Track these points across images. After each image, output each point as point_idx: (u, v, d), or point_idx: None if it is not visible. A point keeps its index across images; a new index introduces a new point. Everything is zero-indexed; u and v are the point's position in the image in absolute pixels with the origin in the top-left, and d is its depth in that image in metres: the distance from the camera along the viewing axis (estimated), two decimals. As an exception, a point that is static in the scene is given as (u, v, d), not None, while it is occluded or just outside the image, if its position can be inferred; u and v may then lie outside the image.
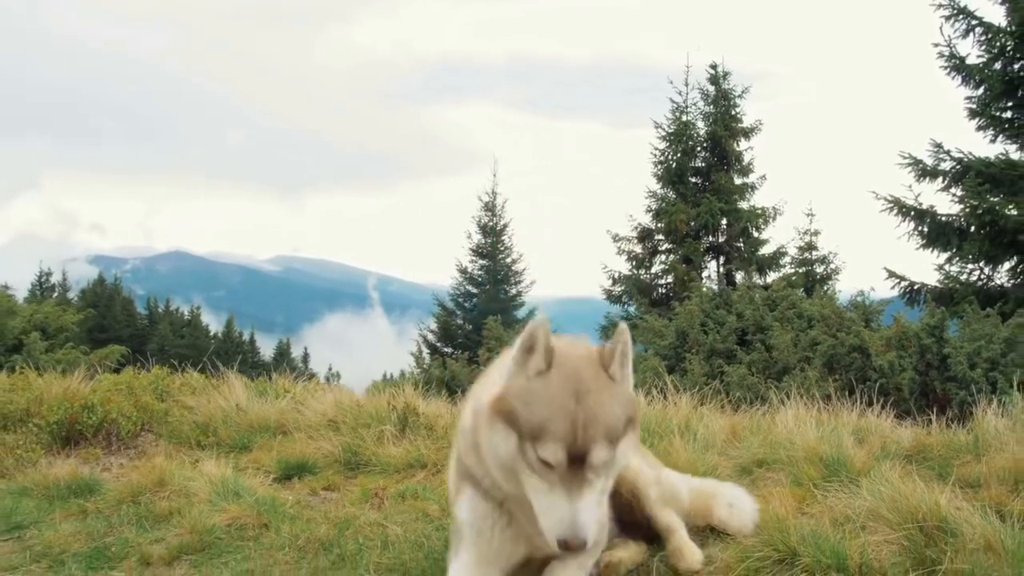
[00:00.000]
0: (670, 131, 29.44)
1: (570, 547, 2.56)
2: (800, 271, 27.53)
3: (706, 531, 4.24)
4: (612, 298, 29.59)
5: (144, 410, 6.88)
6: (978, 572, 3.50)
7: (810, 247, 28.61)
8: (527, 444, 2.62)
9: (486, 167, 36.77)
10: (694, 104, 29.94)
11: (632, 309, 28.33)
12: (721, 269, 29.17)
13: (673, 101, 29.92)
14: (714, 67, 29.63)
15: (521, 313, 38.54)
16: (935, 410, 6.42)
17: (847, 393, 6.93)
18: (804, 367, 10.28)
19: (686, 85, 29.90)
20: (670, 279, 28.45)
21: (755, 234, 28.86)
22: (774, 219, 28.84)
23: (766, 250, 28.56)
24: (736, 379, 9.94)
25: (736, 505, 4.27)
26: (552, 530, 2.59)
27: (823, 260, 28.15)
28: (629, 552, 3.82)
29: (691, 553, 3.73)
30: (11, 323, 12.51)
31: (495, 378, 2.93)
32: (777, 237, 29.18)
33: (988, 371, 8.55)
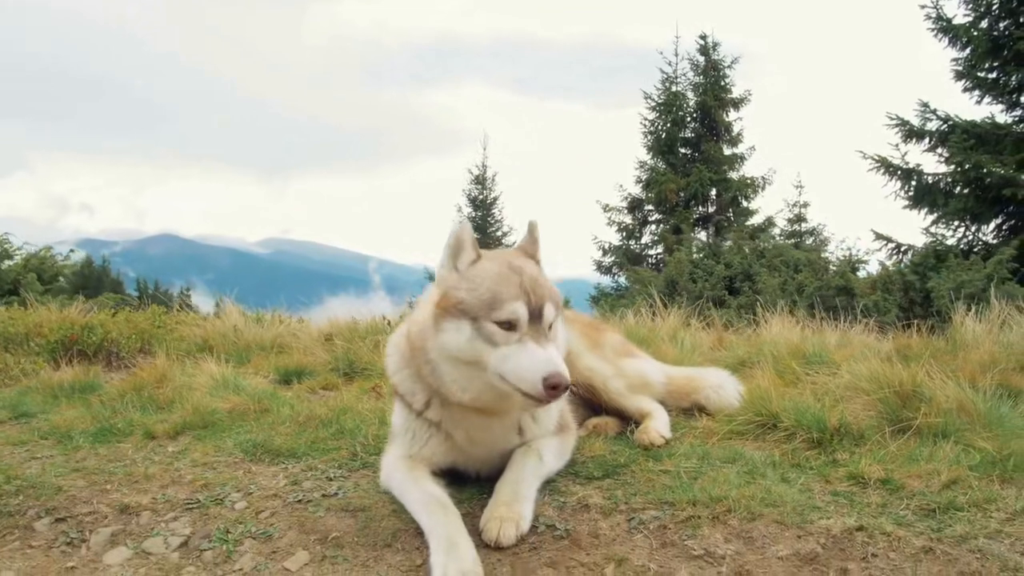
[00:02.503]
0: (660, 102, 29.52)
1: (557, 386, 2.68)
2: (790, 242, 27.73)
3: (692, 409, 4.42)
4: (602, 269, 29.71)
5: (143, 332, 6.99)
6: (951, 428, 3.68)
7: (799, 219, 28.88)
8: (482, 321, 2.80)
9: (473, 147, 36.61)
10: (684, 75, 30.04)
11: (622, 280, 28.46)
12: (711, 240, 29.34)
13: (663, 72, 30.00)
14: (703, 38, 29.68)
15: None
16: (916, 324, 6.58)
17: (831, 315, 7.08)
18: (793, 309, 10.45)
19: (676, 56, 30.00)
20: (660, 249, 28.61)
21: (745, 204, 29.01)
22: (763, 189, 29.01)
23: (755, 220, 28.76)
24: (727, 320, 10.12)
25: (721, 388, 4.46)
26: (535, 376, 2.70)
27: (812, 232, 28.43)
28: (613, 422, 4.07)
29: (654, 433, 3.90)
30: (7, 265, 12.69)
31: (422, 308, 3.11)
32: (766, 207, 29.40)
33: (971, 304, 8.73)
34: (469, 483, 3.34)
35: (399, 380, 3.27)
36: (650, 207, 29.46)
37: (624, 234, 29.61)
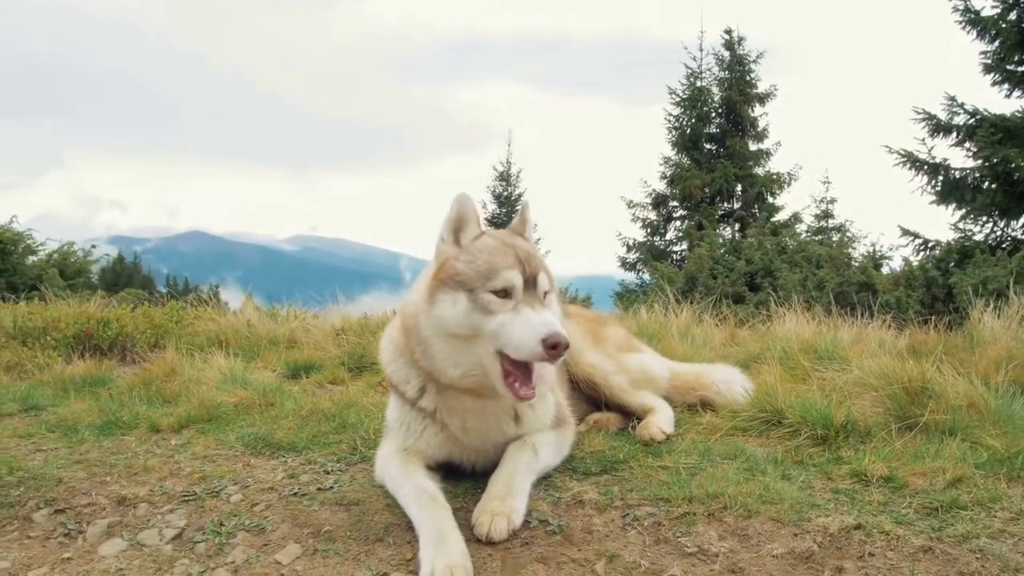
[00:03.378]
0: (684, 97, 29.32)
1: (556, 345, 2.68)
2: (816, 239, 27.40)
3: (698, 405, 4.37)
4: (627, 265, 29.56)
5: (158, 327, 7.05)
6: (959, 425, 3.60)
7: (826, 215, 28.53)
8: (479, 292, 2.82)
9: (499, 144, 36.61)
10: (708, 70, 29.80)
11: (646, 276, 28.29)
12: (737, 236, 29.05)
13: (687, 67, 29.77)
14: (728, 32, 29.44)
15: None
16: (934, 320, 6.47)
17: (848, 311, 6.98)
18: (812, 305, 10.32)
19: (700, 51, 29.77)
20: (684, 245, 28.42)
21: (770, 200, 28.73)
22: (789, 185, 28.70)
23: (781, 216, 28.44)
24: (744, 317, 10.02)
25: (728, 384, 4.40)
26: (533, 339, 2.71)
27: (839, 228, 28.07)
28: (615, 417, 4.03)
29: (655, 429, 3.85)
30: (31, 261, 12.92)
31: (416, 289, 3.11)
32: (792, 203, 29.09)
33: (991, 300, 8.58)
34: (465, 477, 3.32)
35: (393, 370, 3.26)
36: (675, 203, 29.27)
37: (648, 230, 29.44)
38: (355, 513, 3.06)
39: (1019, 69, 16.55)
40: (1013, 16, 16.17)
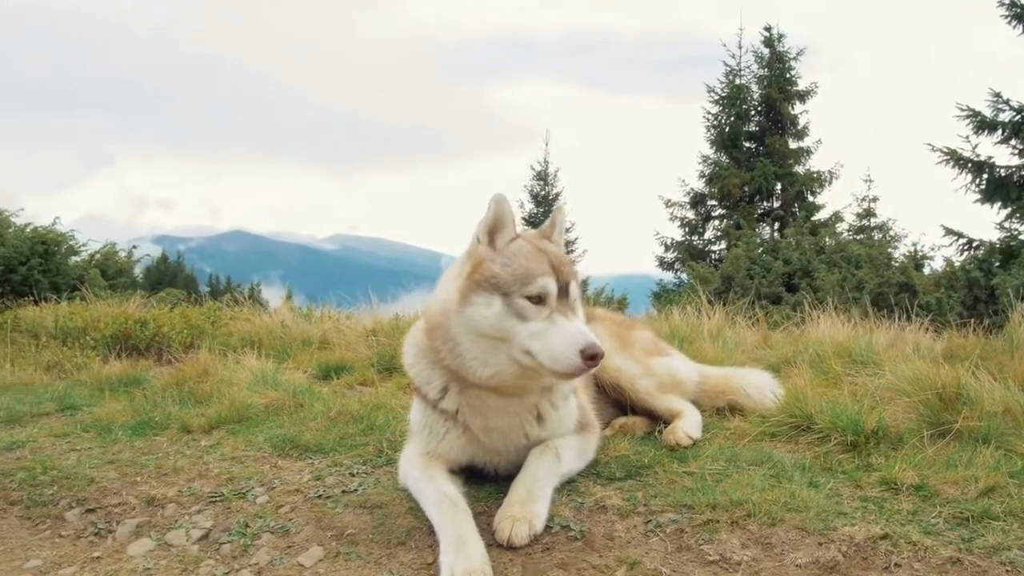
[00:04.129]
0: (723, 95, 29.03)
1: (595, 356, 2.72)
2: (858, 237, 26.94)
3: (728, 410, 4.33)
4: (664, 265, 29.35)
5: (194, 327, 7.15)
6: (993, 432, 3.52)
7: (868, 214, 28.04)
8: (514, 296, 2.83)
9: (540, 143, 36.49)
10: (748, 67, 29.47)
11: (684, 276, 28.05)
12: (776, 235, 28.69)
13: (726, 64, 29.47)
14: (768, 29, 29.06)
15: (574, 282, 38.40)
16: (973, 323, 6.32)
17: (888, 313, 6.85)
18: (849, 307, 10.17)
19: (739, 48, 29.45)
20: (723, 245, 28.14)
21: (810, 198, 28.34)
22: (830, 183, 28.25)
23: (822, 215, 28.04)
24: (778, 319, 9.90)
25: (757, 388, 4.35)
26: (572, 350, 2.73)
27: (882, 227, 27.57)
28: (641, 421, 4.01)
29: (680, 434, 3.82)
30: (73, 262, 13.23)
31: (443, 286, 3.10)
32: (833, 202, 28.63)
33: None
34: (488, 481, 3.32)
35: (416, 372, 3.27)
36: (713, 202, 29.00)
37: (687, 229, 29.19)
38: (378, 516, 3.08)
39: (1068, 64, 16.14)
40: (1060, 10, 15.78)
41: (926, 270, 12.20)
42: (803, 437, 3.74)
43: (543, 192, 38.79)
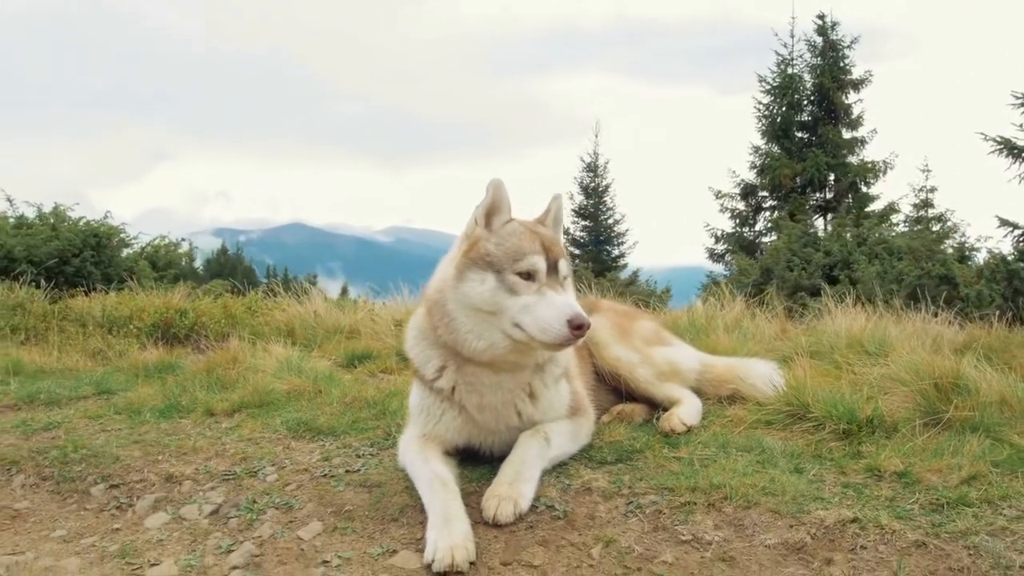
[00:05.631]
0: (775, 84, 28.59)
1: (582, 327, 2.90)
2: (914, 229, 26.35)
3: (732, 398, 4.40)
4: (714, 257, 29.09)
5: (232, 317, 7.42)
6: (986, 421, 3.55)
7: (925, 204, 27.41)
8: (506, 273, 3.02)
9: (588, 135, 36.34)
10: (800, 56, 28.98)
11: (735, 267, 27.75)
12: (828, 227, 28.23)
13: (778, 54, 29.01)
14: (821, 17, 28.51)
15: (624, 274, 38.26)
16: (1009, 315, 6.24)
17: (925, 305, 6.78)
18: (889, 299, 10.06)
19: (791, 37, 28.98)
20: (774, 236, 27.76)
21: (864, 189, 27.78)
22: (884, 174, 27.63)
23: (876, 206, 27.48)
24: (807, 312, 9.83)
25: (760, 378, 4.41)
26: (559, 321, 2.91)
27: (939, 218, 26.92)
28: (640, 408, 4.11)
29: (675, 420, 3.92)
30: (125, 254, 13.81)
31: (442, 267, 3.29)
32: (888, 193, 28.02)
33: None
34: (483, 462, 3.46)
35: (416, 353, 3.44)
36: (764, 193, 28.59)
37: (737, 221, 28.85)
38: (375, 494, 3.25)
39: None
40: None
41: (978, 261, 11.93)
42: (798, 425, 3.81)
43: (593, 184, 38.64)
